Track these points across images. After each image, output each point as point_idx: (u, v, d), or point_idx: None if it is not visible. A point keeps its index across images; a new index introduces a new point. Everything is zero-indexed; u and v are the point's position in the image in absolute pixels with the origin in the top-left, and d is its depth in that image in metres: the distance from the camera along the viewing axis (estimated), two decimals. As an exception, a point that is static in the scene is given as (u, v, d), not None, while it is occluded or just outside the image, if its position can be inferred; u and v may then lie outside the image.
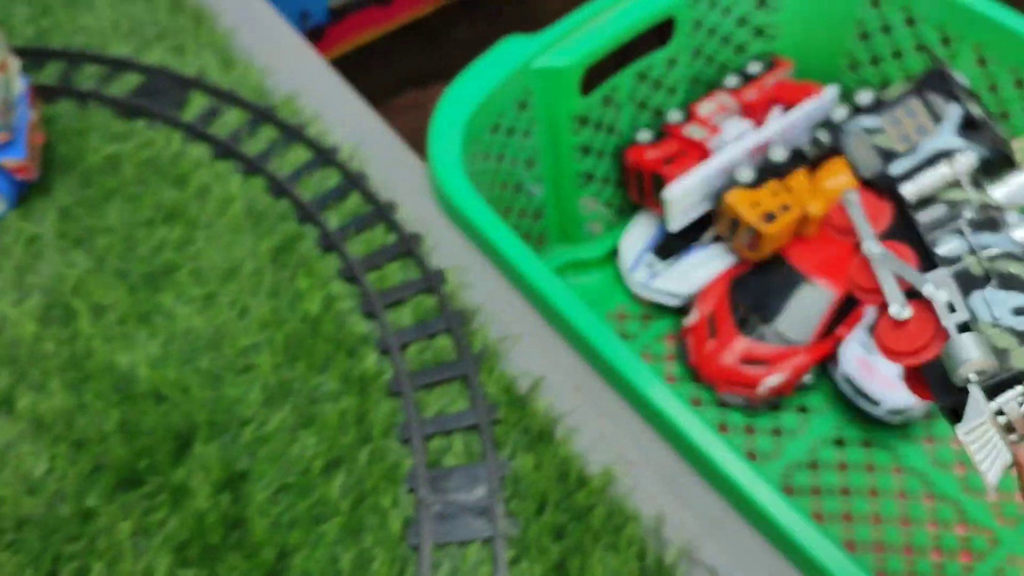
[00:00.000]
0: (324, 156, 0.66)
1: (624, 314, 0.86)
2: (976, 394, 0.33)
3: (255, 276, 0.59)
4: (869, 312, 0.74)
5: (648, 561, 0.48)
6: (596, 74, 0.78)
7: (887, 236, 0.38)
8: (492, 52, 0.70)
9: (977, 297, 0.34)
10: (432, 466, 0.51)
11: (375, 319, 0.58)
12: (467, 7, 1.36)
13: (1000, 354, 0.33)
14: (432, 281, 0.58)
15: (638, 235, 0.86)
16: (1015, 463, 0.33)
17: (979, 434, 0.33)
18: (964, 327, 0.34)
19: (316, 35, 1.20)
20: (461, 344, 0.55)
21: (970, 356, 0.32)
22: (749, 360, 0.76)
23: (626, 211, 0.89)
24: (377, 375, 0.55)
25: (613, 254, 0.88)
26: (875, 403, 0.72)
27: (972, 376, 0.33)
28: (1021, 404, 0.32)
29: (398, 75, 1.39)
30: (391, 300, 0.58)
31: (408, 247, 0.60)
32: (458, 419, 0.53)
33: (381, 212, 0.63)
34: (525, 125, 0.74)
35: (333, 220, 0.63)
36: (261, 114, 0.68)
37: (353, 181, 0.64)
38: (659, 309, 0.85)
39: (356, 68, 1.36)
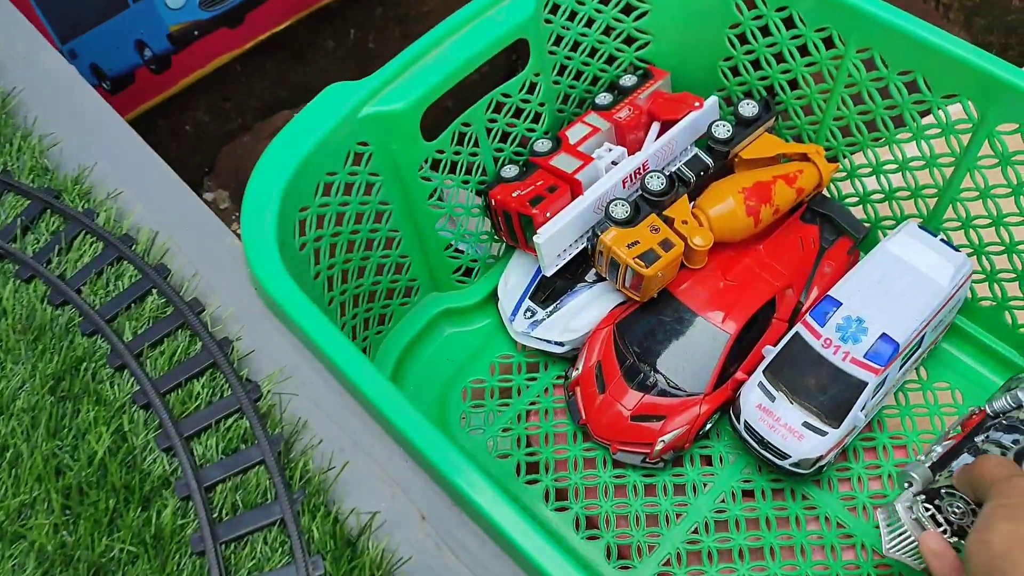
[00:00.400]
0: (117, 248, 0.56)
1: (510, 364, 0.78)
2: (905, 493, 0.54)
3: (30, 413, 0.49)
4: (768, 352, 0.67)
5: None
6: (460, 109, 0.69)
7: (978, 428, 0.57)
8: (311, 106, 0.61)
9: (963, 455, 0.55)
10: (243, 647, 0.42)
11: (175, 454, 0.48)
12: (331, 14, 1.25)
13: (932, 481, 0.54)
14: (243, 401, 0.49)
15: (515, 278, 0.77)
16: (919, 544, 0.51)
17: (890, 513, 0.55)
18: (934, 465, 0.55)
19: (160, 64, 1.08)
20: (277, 479, 0.46)
21: (912, 472, 0.54)
22: (643, 416, 0.68)
23: (502, 249, 0.81)
24: (177, 530, 0.46)
25: (494, 295, 0.79)
26: (781, 456, 0.65)
27: (905, 484, 0.55)
28: (927, 509, 0.52)
29: (264, 97, 1.26)
30: (195, 428, 0.49)
31: (214, 358, 0.51)
32: (275, 580, 0.44)
33: (184, 315, 0.53)
34: (364, 179, 0.65)
35: (127, 330, 0.53)
36: (41, 200, 0.58)
37: (151, 278, 0.54)
38: (549, 355, 0.77)
39: (215, 93, 1.23)
